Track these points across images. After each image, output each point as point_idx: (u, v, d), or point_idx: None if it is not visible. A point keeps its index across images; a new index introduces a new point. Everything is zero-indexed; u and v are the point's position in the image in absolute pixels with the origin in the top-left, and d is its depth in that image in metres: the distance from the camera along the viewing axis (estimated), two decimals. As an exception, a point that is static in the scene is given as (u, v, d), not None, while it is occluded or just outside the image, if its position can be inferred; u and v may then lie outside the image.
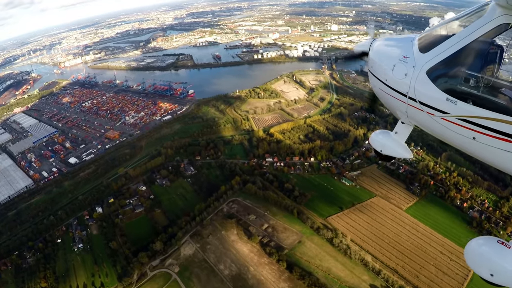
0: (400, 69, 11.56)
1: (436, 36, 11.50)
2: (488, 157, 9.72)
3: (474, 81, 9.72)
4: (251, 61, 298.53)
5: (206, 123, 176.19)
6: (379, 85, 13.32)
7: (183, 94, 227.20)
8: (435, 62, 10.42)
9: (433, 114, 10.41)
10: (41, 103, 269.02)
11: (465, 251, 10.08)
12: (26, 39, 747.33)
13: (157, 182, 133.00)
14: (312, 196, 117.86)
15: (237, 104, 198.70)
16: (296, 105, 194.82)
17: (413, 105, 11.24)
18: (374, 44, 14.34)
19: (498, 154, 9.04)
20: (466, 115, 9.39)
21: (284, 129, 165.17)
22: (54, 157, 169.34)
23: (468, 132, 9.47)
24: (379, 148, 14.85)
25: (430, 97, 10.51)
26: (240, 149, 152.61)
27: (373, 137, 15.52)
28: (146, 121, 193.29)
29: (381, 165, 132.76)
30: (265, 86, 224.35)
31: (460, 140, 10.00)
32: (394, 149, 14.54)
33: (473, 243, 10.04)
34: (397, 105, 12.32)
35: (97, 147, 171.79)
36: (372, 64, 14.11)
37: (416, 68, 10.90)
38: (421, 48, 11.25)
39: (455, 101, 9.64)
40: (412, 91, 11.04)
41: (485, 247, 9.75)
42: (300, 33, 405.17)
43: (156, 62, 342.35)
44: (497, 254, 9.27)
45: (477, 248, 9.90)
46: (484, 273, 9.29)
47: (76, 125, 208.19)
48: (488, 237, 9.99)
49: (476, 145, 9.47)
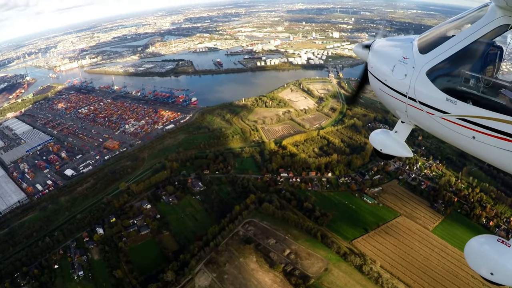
0: (400, 69, 11.18)
1: (436, 37, 11.07)
2: (488, 156, 9.50)
3: (474, 81, 9.43)
4: (254, 68, 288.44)
5: (213, 134, 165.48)
6: (379, 86, 12.82)
7: (185, 102, 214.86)
8: (435, 63, 10.14)
9: (433, 114, 10.16)
10: (35, 108, 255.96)
11: (465, 250, 9.55)
12: (21, 41, 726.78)
13: (163, 199, 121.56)
14: (333, 216, 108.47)
15: (244, 114, 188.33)
16: (306, 115, 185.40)
17: (413, 105, 10.91)
18: (374, 46, 13.75)
19: (497, 153, 8.83)
20: (466, 114, 9.18)
21: (297, 141, 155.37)
22: (49, 168, 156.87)
23: (468, 132, 9.27)
24: (379, 147, 14.38)
25: (430, 97, 10.21)
26: (251, 163, 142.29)
27: (373, 136, 15.14)
28: (148, 130, 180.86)
29: (402, 181, 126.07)
30: (272, 94, 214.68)
31: (460, 140, 9.75)
32: (394, 148, 14.05)
33: (473, 241, 9.54)
34: (397, 105, 11.92)
35: (95, 157, 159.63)
36: (372, 65, 13.47)
37: (416, 68, 10.59)
38: (421, 49, 10.88)
39: (455, 101, 9.42)
40: (412, 91, 10.73)
41: (485, 245, 9.25)
42: (301, 40, 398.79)
43: (155, 67, 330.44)
44: (497, 253, 8.80)
45: (477, 247, 9.39)
46: (484, 272, 8.93)
47: (72, 133, 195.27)
48: (488, 236, 9.45)
49: (476, 144, 9.26)
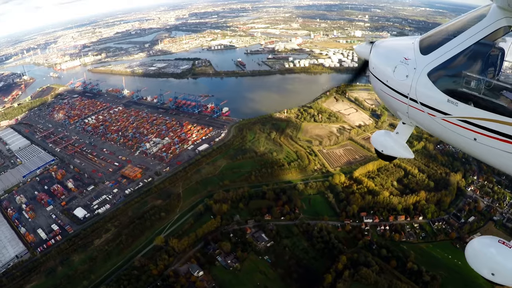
0: (401, 70, 10.80)
1: (437, 38, 10.62)
2: (489, 158, 9.26)
3: (475, 83, 9.07)
4: (283, 70, 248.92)
5: (262, 160, 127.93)
6: (380, 86, 12.31)
7: (216, 113, 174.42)
8: (436, 64, 9.80)
9: (434, 115, 9.86)
10: (33, 116, 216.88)
11: (466, 250, 9.22)
12: (20, 37, 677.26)
13: (218, 262, 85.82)
14: (442, 279, 78.29)
15: (291, 131, 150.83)
16: (365, 134, 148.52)
17: (414, 106, 10.58)
18: (375, 46, 13.12)
19: (498, 155, 8.58)
20: (467, 116, 8.88)
21: (370, 172, 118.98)
22: (53, 204, 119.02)
23: (469, 133, 8.99)
24: (380, 148, 14.01)
25: (431, 98, 9.90)
26: (322, 204, 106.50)
27: (374, 137, 14.63)
28: (176, 152, 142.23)
29: (498, 223, 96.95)
30: (317, 105, 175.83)
31: (461, 141, 9.50)
32: (395, 149, 13.62)
33: (474, 242, 9.25)
34: (398, 106, 11.55)
35: (113, 190, 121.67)
36: (373, 66, 12.92)
37: (417, 69, 10.23)
38: (422, 50, 10.49)
39: (456, 103, 9.11)
40: (413, 92, 10.40)
41: (486, 246, 8.92)
42: (323, 38, 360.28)
43: (168, 67, 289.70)
44: (498, 254, 8.49)
45: (478, 248, 9.07)
46: (485, 272, 8.61)
47: (79, 152, 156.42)
48: (490, 237, 9.14)
49: (477, 146, 9.00)
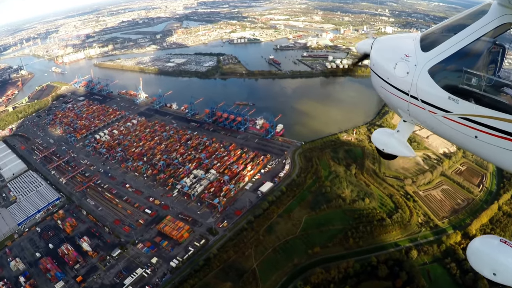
0: (402, 67, 10.53)
1: (438, 35, 10.45)
2: (489, 156, 9.10)
3: (476, 80, 8.79)
4: (327, 72, 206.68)
5: (353, 210, 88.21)
6: (381, 83, 11.98)
7: (270, 133, 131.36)
8: (437, 60, 9.57)
9: (435, 112, 9.60)
10: (30, 124, 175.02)
11: (468, 250, 9.04)
12: (19, 25, 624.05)
13: None
14: None
15: (371, 162, 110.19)
16: (455, 165, 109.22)
17: (415, 103, 10.32)
18: (376, 43, 12.83)
19: (499, 152, 8.42)
20: (468, 113, 8.70)
21: (484, 225, 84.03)
22: (64, 279, 79.46)
23: (470, 131, 8.79)
24: (381, 146, 13.64)
25: (432, 96, 9.65)
26: (444, 278, 71.09)
27: (375, 135, 14.17)
28: (230, 194, 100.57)
29: None
30: (384, 121, 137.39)
31: (462, 139, 9.26)
32: (396, 148, 13.28)
33: (476, 242, 9.13)
34: (399, 104, 11.25)
35: (151, 260, 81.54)
36: (374, 63, 12.64)
37: (418, 66, 9.99)
38: (423, 47, 10.24)
39: (457, 100, 8.92)
40: (414, 89, 10.12)
41: (488, 246, 8.83)
42: (353, 33, 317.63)
43: (189, 63, 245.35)
44: (500, 253, 8.38)
45: (480, 247, 8.97)
46: (486, 272, 8.45)
47: (92, 188, 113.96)
48: (491, 236, 9.02)
49: (478, 143, 8.79)
